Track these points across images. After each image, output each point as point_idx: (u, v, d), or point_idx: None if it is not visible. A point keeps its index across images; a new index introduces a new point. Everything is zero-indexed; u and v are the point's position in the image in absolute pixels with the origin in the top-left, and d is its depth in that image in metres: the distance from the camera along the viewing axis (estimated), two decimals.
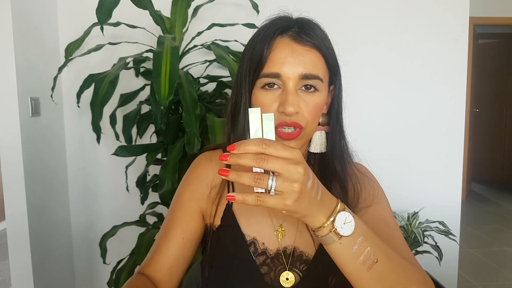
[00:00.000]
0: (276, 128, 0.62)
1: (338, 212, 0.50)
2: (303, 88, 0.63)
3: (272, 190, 0.45)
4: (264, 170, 0.46)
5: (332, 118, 0.70)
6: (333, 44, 0.68)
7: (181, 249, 0.71)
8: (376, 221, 0.67)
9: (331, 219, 0.50)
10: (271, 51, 0.62)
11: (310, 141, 0.71)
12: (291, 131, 0.63)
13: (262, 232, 0.70)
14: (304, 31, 0.63)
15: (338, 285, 0.65)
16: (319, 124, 0.69)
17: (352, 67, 1.94)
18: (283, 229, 0.70)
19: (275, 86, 0.63)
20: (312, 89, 0.63)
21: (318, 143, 0.70)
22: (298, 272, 0.68)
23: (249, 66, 0.65)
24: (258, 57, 0.63)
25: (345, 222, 0.50)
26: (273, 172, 0.45)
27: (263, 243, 0.69)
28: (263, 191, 0.46)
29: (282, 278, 0.67)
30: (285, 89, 0.62)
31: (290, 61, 0.61)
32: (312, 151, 0.71)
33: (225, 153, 0.45)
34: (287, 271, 0.67)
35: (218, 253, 0.70)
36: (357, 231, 0.51)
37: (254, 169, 0.46)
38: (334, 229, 0.50)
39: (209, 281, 0.69)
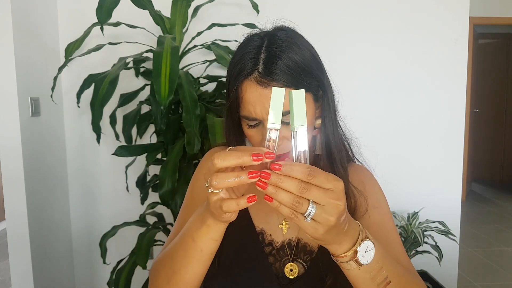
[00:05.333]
0: None
1: (362, 241, 0.51)
2: (283, 120, 0.63)
3: (309, 218, 0.45)
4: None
5: (324, 121, 0.69)
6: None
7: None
8: (376, 226, 0.68)
9: (354, 248, 0.51)
10: (242, 95, 0.63)
11: None
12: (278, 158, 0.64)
13: (269, 225, 0.72)
14: (267, 71, 0.60)
15: (341, 278, 0.66)
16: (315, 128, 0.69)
17: (352, 67, 1.95)
18: (287, 222, 0.72)
19: (257, 123, 0.64)
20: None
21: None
22: (303, 262, 0.69)
23: (229, 106, 0.67)
24: (233, 100, 0.65)
25: (366, 250, 0.51)
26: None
27: (270, 235, 0.71)
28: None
29: (287, 270, 0.69)
30: (264, 127, 0.63)
31: (260, 104, 0.61)
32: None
33: (266, 170, 0.45)
34: (291, 263, 0.69)
35: (228, 241, 0.70)
36: (376, 258, 0.52)
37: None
38: (355, 258, 0.51)
39: (218, 268, 0.70)
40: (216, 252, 0.70)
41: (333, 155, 0.69)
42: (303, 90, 0.45)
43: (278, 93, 0.46)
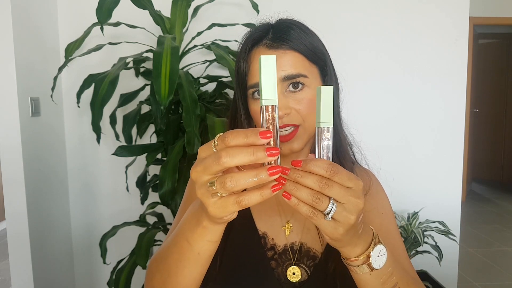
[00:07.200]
0: None
1: (375, 245, 0.50)
2: (291, 88, 0.64)
3: (329, 216, 0.43)
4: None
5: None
6: (328, 42, 0.70)
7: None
8: (382, 232, 0.68)
9: (368, 252, 0.50)
10: (249, 64, 0.65)
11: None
12: (287, 133, 0.64)
13: (271, 228, 0.71)
14: (277, 36, 0.64)
15: (345, 281, 0.66)
16: None
17: (350, 69, 1.94)
18: (290, 225, 0.71)
19: None
20: (300, 86, 0.64)
21: None
22: (305, 268, 0.68)
23: (237, 81, 0.68)
24: (241, 72, 0.66)
25: (379, 255, 0.50)
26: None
27: (273, 238, 0.70)
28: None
29: (289, 273, 0.67)
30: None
31: None
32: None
33: (284, 166, 0.42)
34: (293, 266, 0.68)
35: (230, 244, 0.70)
36: (388, 263, 0.51)
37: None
38: (368, 262, 0.50)
39: (219, 270, 0.69)
40: (218, 254, 0.69)
41: (338, 144, 0.70)
42: (332, 87, 0.44)
43: (269, 61, 0.41)
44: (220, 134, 0.42)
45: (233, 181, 0.39)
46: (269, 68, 0.41)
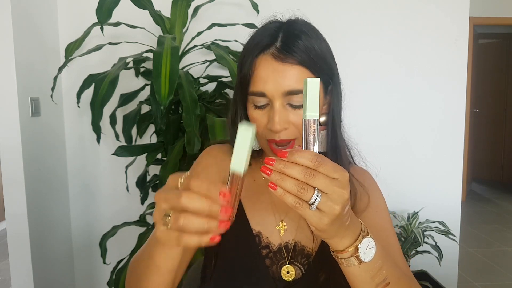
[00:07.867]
0: (268, 142, 0.64)
1: (363, 237, 0.50)
2: (293, 104, 0.63)
3: (314, 206, 0.43)
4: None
5: (329, 119, 0.69)
6: (329, 42, 0.68)
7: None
8: (377, 229, 0.67)
9: (356, 244, 0.50)
10: (254, 70, 0.63)
11: None
12: (285, 147, 0.64)
13: (266, 227, 0.71)
14: (286, 47, 0.62)
15: (339, 279, 0.66)
16: (320, 124, 0.69)
17: (350, 69, 1.94)
18: (284, 224, 0.71)
19: (264, 104, 0.64)
20: (300, 104, 0.63)
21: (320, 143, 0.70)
22: (300, 266, 0.68)
23: (239, 82, 0.67)
24: (244, 75, 0.65)
25: (367, 247, 0.50)
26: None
27: (267, 237, 0.70)
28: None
29: (283, 272, 0.68)
30: (272, 107, 0.63)
31: (273, 80, 0.61)
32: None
33: (270, 157, 0.44)
34: (287, 265, 0.68)
35: (224, 243, 0.69)
36: (377, 256, 0.51)
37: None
38: (356, 254, 0.50)
39: (214, 270, 0.69)
40: (213, 253, 0.70)
41: (337, 153, 0.69)
42: (318, 79, 0.44)
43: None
44: (189, 174, 0.44)
45: (186, 220, 0.41)
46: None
